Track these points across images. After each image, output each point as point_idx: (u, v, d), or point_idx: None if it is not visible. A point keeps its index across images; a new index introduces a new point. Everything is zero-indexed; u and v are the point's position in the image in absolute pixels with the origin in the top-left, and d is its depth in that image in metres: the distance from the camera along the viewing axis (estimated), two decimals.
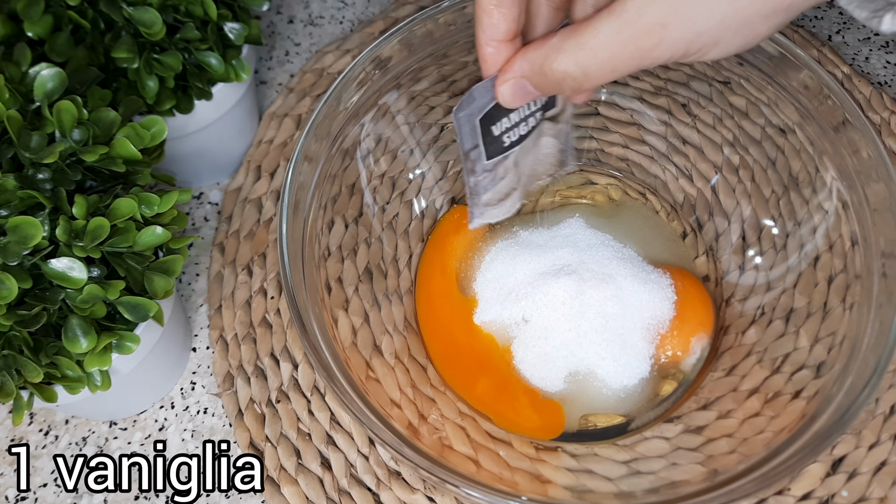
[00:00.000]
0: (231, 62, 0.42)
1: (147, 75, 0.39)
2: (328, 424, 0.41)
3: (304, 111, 0.52)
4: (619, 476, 0.38)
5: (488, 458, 0.38)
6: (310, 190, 0.39)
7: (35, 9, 0.36)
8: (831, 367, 0.36)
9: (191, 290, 0.47)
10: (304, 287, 0.36)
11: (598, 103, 0.48)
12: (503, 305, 0.42)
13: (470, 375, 0.41)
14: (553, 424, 0.40)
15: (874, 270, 0.36)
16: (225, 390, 0.43)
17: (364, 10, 0.58)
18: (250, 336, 0.44)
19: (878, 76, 0.53)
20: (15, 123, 0.32)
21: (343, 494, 0.40)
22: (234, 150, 0.50)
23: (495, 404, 0.41)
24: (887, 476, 0.39)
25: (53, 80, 0.34)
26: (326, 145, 0.40)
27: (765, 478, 0.31)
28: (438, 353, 0.43)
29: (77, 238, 0.32)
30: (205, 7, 0.40)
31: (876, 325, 0.34)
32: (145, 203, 0.35)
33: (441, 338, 0.43)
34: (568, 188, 0.48)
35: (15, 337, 0.32)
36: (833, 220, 0.39)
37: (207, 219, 0.50)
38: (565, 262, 0.42)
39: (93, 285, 0.32)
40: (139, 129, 0.35)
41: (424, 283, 0.45)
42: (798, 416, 0.35)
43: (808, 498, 0.39)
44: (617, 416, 0.40)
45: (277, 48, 0.57)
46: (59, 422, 0.43)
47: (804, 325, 0.40)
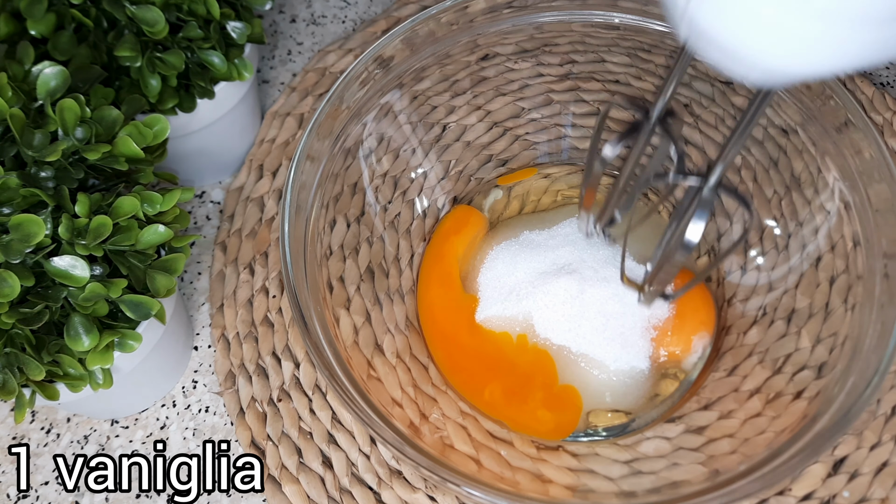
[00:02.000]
0: (234, 61, 0.42)
1: (150, 74, 0.39)
2: (329, 423, 0.41)
3: (307, 110, 0.52)
4: (620, 476, 0.38)
5: (490, 457, 0.38)
6: (312, 189, 0.39)
7: (38, 7, 0.36)
8: (833, 367, 0.36)
9: (193, 289, 0.47)
10: (305, 286, 0.36)
11: (600, 103, 0.48)
12: (504, 305, 0.42)
13: (478, 380, 0.41)
14: (568, 419, 0.40)
15: (876, 271, 0.36)
16: (226, 389, 0.43)
17: (366, 10, 0.58)
18: (252, 335, 0.44)
19: (881, 77, 0.53)
20: (18, 121, 0.32)
21: (344, 493, 0.40)
22: (236, 149, 0.50)
23: (507, 409, 0.41)
24: (889, 477, 0.39)
25: (56, 78, 0.34)
26: (328, 144, 0.40)
27: (766, 478, 0.32)
28: (443, 358, 0.43)
29: (79, 236, 0.32)
30: (208, 6, 0.40)
31: (878, 326, 0.34)
32: (147, 201, 0.35)
33: (444, 340, 0.43)
34: (569, 188, 0.48)
35: (17, 335, 0.32)
36: (835, 220, 0.39)
37: (209, 217, 0.50)
38: (566, 261, 0.42)
39: (95, 283, 0.32)
40: (142, 128, 0.35)
41: (425, 285, 0.45)
42: (799, 416, 0.35)
43: (810, 498, 0.39)
44: (619, 414, 0.40)
45: (280, 47, 0.57)
46: (61, 420, 0.43)
47: (806, 325, 0.40)
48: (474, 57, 0.45)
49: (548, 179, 0.48)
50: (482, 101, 0.48)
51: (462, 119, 0.48)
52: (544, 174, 0.48)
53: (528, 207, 0.47)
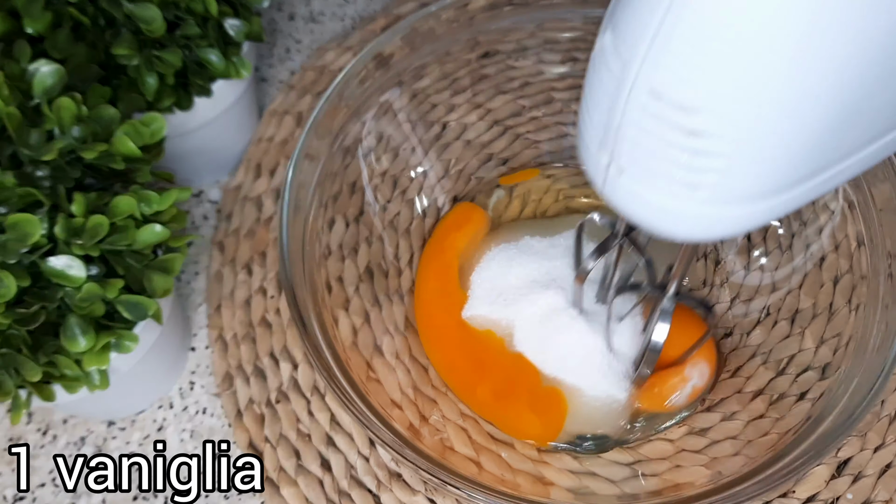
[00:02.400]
0: (231, 59, 0.42)
1: (147, 72, 0.39)
2: (328, 425, 0.41)
3: (305, 109, 0.51)
4: (622, 478, 0.38)
5: (490, 459, 0.38)
6: (310, 188, 0.39)
7: (35, 5, 0.36)
8: (837, 368, 0.36)
9: (190, 289, 0.47)
10: (304, 286, 0.36)
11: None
12: (491, 307, 0.42)
13: (470, 380, 0.41)
14: (553, 422, 0.39)
15: (880, 271, 0.36)
16: (224, 390, 0.43)
17: (365, 7, 0.58)
18: (250, 336, 0.44)
19: None
20: (14, 120, 0.32)
21: (343, 496, 0.39)
22: (233, 148, 0.50)
23: (497, 410, 0.40)
24: (892, 479, 0.38)
25: (53, 76, 0.34)
26: (327, 143, 0.39)
27: (769, 480, 0.31)
28: (437, 357, 0.42)
29: (76, 236, 0.32)
30: (205, 4, 0.39)
31: (882, 327, 0.34)
32: (144, 201, 0.34)
33: (437, 335, 0.43)
34: (571, 187, 0.47)
35: (13, 335, 0.32)
36: (839, 220, 0.39)
37: (207, 217, 0.49)
38: (561, 273, 0.42)
39: (91, 284, 0.32)
40: (139, 127, 0.35)
41: (423, 278, 0.44)
42: (803, 417, 0.35)
43: (813, 500, 0.38)
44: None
45: (278, 45, 0.56)
46: (58, 421, 0.43)
47: (809, 326, 0.39)
48: (474, 54, 0.45)
49: (549, 179, 0.48)
50: (482, 100, 0.48)
51: (462, 117, 0.48)
52: (547, 175, 0.48)
53: (529, 207, 0.47)
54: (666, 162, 0.22)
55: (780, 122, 0.20)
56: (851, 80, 0.20)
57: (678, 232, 0.24)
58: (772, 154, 0.21)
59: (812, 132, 0.21)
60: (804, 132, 0.21)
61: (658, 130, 0.21)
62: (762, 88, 0.20)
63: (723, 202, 0.22)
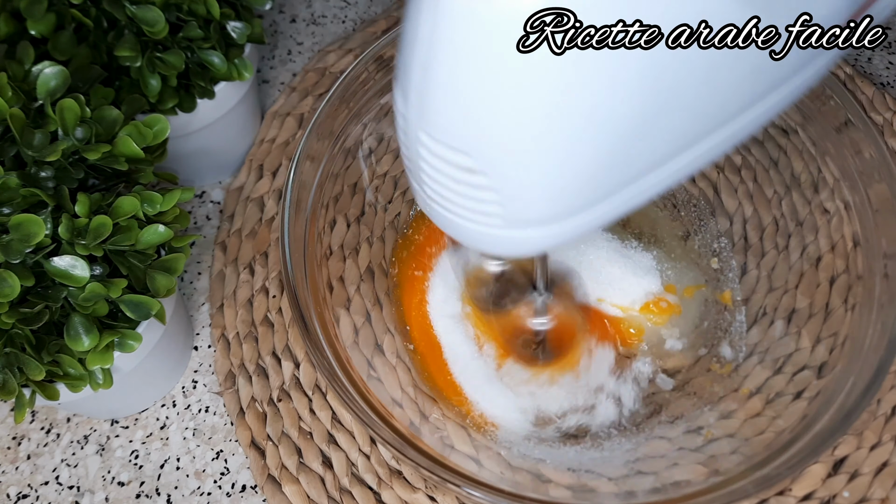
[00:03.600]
0: (233, 61, 0.42)
1: (150, 74, 0.39)
2: (329, 423, 0.41)
3: (307, 110, 0.52)
4: (620, 476, 0.38)
5: (489, 457, 0.38)
6: (312, 189, 0.39)
7: (38, 7, 0.36)
8: (833, 367, 0.36)
9: (192, 289, 0.47)
10: (305, 286, 0.36)
11: None
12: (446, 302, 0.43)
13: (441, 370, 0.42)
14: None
15: (876, 271, 0.36)
16: (226, 389, 0.43)
17: (366, 10, 0.58)
18: (252, 335, 0.44)
19: (881, 77, 0.53)
20: (18, 121, 0.32)
21: (344, 493, 0.40)
22: (236, 149, 0.50)
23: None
24: (889, 477, 0.39)
25: (56, 78, 0.34)
26: (328, 144, 0.40)
27: (766, 478, 0.31)
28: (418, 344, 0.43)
29: (79, 236, 0.32)
30: (208, 6, 0.40)
31: (877, 326, 0.34)
32: (147, 201, 0.35)
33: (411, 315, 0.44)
34: None
35: (17, 335, 0.32)
36: (835, 220, 0.39)
37: (209, 217, 0.50)
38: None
39: (95, 283, 0.32)
40: (142, 128, 0.35)
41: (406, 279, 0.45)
42: (799, 416, 0.35)
43: (810, 499, 0.39)
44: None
45: (280, 47, 0.57)
46: (61, 420, 0.43)
47: (806, 325, 0.40)
48: None
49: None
50: None
51: None
52: None
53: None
54: (456, 194, 0.23)
55: (538, 162, 0.22)
56: (602, 126, 0.21)
57: (494, 250, 0.26)
58: (540, 188, 0.22)
59: (573, 169, 0.22)
60: (566, 169, 0.22)
61: (443, 168, 0.23)
62: (515, 133, 0.21)
63: (518, 226, 0.24)
